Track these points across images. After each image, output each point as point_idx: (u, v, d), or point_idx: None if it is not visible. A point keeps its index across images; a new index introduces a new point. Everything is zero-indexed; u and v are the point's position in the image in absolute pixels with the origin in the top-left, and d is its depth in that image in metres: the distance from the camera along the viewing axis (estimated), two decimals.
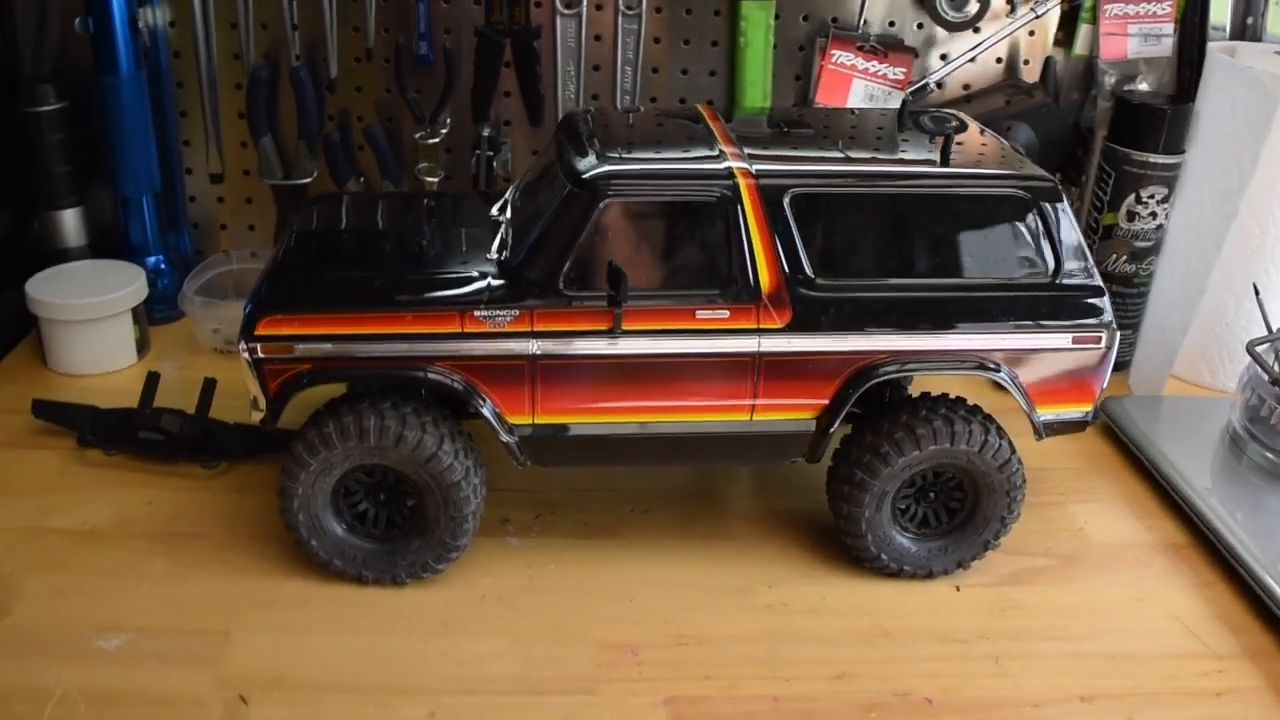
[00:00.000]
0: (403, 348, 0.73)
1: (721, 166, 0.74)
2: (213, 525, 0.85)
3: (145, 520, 0.85)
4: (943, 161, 0.77)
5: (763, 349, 0.74)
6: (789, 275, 0.74)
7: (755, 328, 0.74)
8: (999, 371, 0.77)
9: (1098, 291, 0.78)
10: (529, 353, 0.73)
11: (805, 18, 1.13)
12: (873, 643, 0.77)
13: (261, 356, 0.74)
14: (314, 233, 0.84)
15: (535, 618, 0.77)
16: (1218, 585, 0.85)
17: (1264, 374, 0.97)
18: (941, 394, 0.81)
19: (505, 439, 0.76)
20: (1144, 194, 1.10)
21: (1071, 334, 0.77)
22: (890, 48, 1.13)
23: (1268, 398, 0.97)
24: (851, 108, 1.08)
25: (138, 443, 0.91)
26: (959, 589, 0.83)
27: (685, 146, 0.77)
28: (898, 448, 0.77)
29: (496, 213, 0.83)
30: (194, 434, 0.91)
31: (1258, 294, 1.01)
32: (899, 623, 0.79)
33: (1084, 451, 1.02)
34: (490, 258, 0.77)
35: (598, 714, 0.69)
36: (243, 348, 0.73)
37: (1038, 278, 0.77)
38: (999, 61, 1.17)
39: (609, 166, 0.73)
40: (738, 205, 0.73)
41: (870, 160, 0.76)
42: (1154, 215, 1.10)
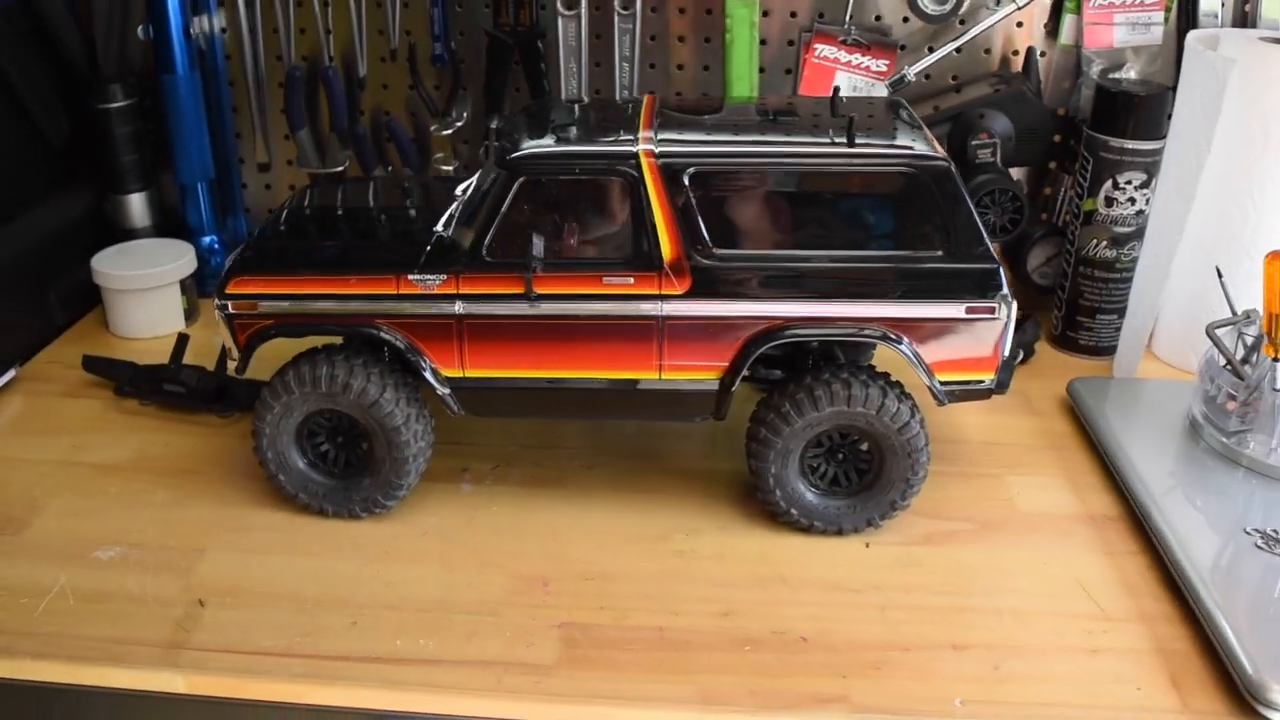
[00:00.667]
0: (349, 306, 0.84)
1: (629, 149, 0.81)
2: (213, 464, 0.98)
3: (159, 458, 0.99)
4: (849, 143, 0.83)
5: (664, 313, 0.82)
6: (688, 246, 0.81)
7: (657, 293, 0.82)
8: (895, 341, 0.83)
9: (991, 266, 0.82)
10: (455, 312, 0.83)
11: (793, 14, 1.19)
12: (766, 587, 0.83)
13: (232, 312, 0.85)
14: (299, 209, 0.96)
15: (465, 551, 0.87)
16: (1136, 556, 0.87)
17: (1219, 357, 0.98)
18: (850, 361, 0.86)
19: (440, 391, 0.86)
20: (1121, 179, 1.11)
21: (964, 304, 0.82)
22: (873, 41, 1.18)
23: (1221, 382, 0.98)
24: (816, 97, 1.13)
25: (163, 394, 1.05)
26: (868, 546, 0.88)
27: (608, 131, 0.85)
28: (798, 408, 0.83)
29: (460, 193, 0.93)
30: (209, 387, 1.04)
31: (1220, 277, 1.02)
32: (798, 572, 0.85)
33: (1043, 430, 1.05)
34: (436, 230, 0.87)
35: (497, 631, 0.78)
36: (216, 304, 0.85)
37: (930, 251, 0.82)
38: (987, 53, 1.20)
39: (527, 149, 0.82)
40: (640, 182, 0.81)
41: (769, 141, 0.83)
42: (1132, 201, 1.12)
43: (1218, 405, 0.98)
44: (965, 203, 0.81)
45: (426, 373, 0.85)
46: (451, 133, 1.25)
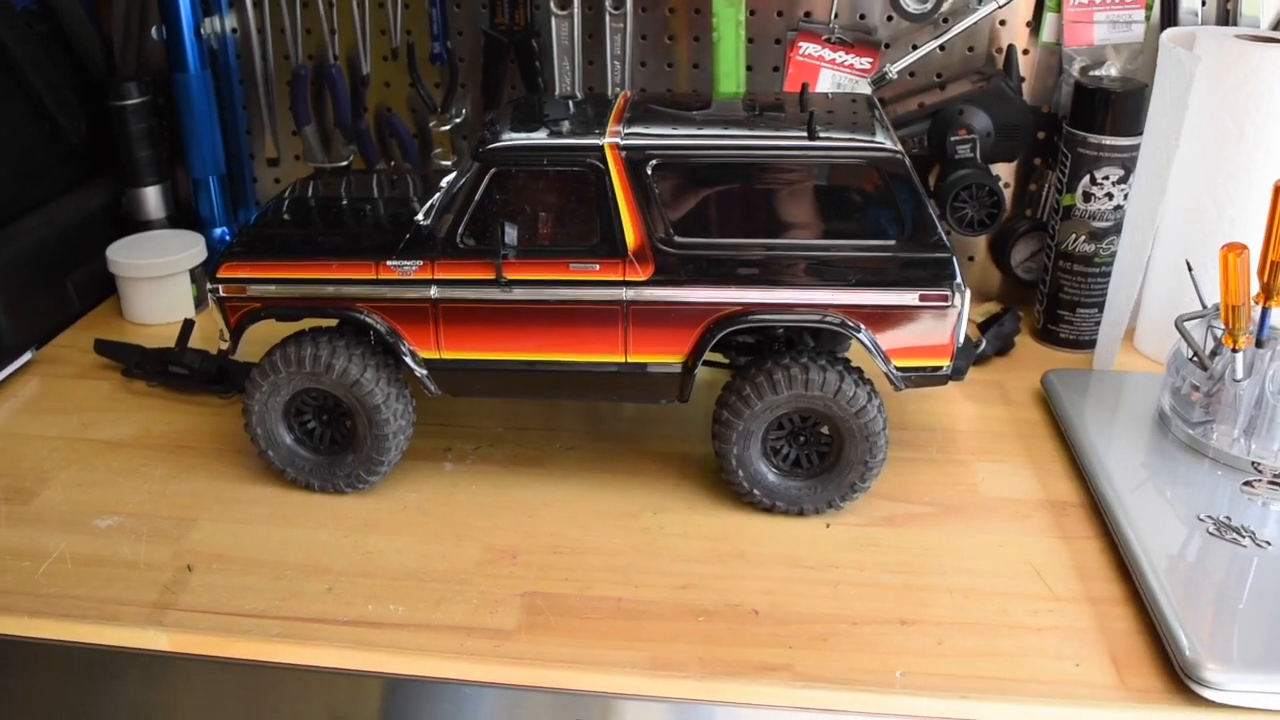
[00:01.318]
0: (330, 290, 0.88)
1: (596, 141, 0.85)
2: (211, 441, 1.03)
3: (161, 435, 1.04)
4: (810, 135, 0.86)
5: (628, 298, 0.85)
6: (652, 234, 0.85)
7: (621, 280, 0.85)
8: (854, 329, 0.86)
9: (945, 255, 0.85)
10: (430, 297, 0.87)
11: (779, 13, 1.23)
12: (726, 563, 0.86)
13: (223, 295, 0.90)
14: (295, 200, 1.01)
15: (442, 525, 0.91)
16: (1091, 540, 0.89)
17: (1186, 349, 1.00)
18: (824, 350, 0.89)
19: (418, 372, 0.90)
20: (1098, 175, 1.14)
21: (918, 292, 0.85)
22: (857, 40, 1.21)
23: (1187, 374, 0.99)
24: (791, 93, 1.15)
25: (168, 375, 1.11)
26: (829, 526, 0.91)
27: (580, 125, 0.89)
28: (758, 390, 0.87)
29: (446, 184, 0.97)
30: (211, 370, 1.10)
31: (1190, 271, 1.04)
32: (758, 549, 0.88)
33: (1014, 419, 1.07)
34: (417, 219, 0.92)
35: (464, 597, 0.82)
36: (209, 287, 0.90)
37: (884, 241, 0.85)
38: (971, 50, 1.22)
39: (501, 142, 0.86)
40: (606, 174, 0.84)
41: (731, 135, 0.86)
42: (1110, 196, 1.14)
43: (1183, 397, 1.00)
44: (919, 193, 0.84)
45: (405, 354, 0.89)
46: (450, 128, 1.29)
